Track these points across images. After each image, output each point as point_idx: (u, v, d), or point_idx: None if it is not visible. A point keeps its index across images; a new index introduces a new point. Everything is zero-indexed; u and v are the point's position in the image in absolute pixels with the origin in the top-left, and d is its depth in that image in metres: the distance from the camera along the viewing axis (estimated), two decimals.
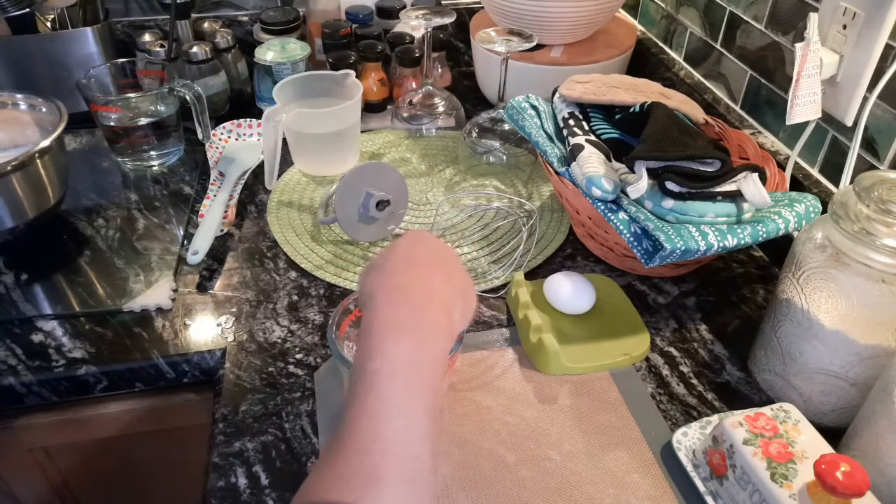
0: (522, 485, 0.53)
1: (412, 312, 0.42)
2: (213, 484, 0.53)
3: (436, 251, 0.48)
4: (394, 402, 0.37)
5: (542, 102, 0.79)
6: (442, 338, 0.42)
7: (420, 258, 0.46)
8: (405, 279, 0.44)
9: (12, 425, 0.68)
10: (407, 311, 0.42)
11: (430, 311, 0.43)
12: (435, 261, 0.47)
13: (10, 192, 0.71)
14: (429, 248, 0.47)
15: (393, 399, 0.37)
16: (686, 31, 0.96)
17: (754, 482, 0.47)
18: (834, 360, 0.54)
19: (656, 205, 0.63)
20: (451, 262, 0.48)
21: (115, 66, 0.91)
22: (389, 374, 0.38)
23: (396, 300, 0.42)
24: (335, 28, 1.02)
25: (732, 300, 0.72)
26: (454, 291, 0.46)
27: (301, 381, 0.62)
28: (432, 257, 0.47)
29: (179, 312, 0.69)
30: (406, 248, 0.47)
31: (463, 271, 0.49)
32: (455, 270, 0.47)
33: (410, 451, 0.36)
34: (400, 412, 0.37)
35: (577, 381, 0.62)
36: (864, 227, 0.50)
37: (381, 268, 0.45)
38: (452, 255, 0.49)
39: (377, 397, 0.37)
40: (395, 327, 0.41)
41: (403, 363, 0.39)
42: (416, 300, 0.43)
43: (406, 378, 0.39)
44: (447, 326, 0.43)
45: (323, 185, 0.88)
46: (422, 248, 0.47)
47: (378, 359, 0.39)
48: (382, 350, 0.39)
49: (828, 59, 0.65)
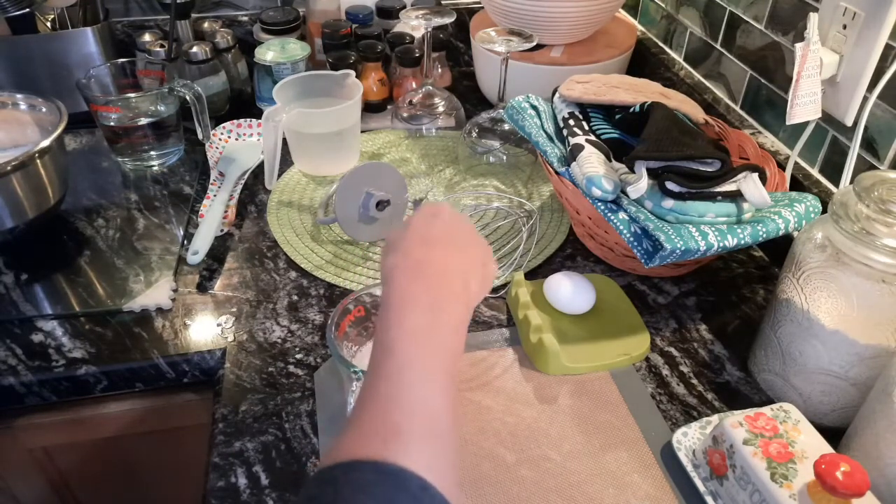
0: (522, 485, 0.53)
1: (428, 285, 0.43)
2: (213, 484, 0.53)
3: (451, 224, 0.49)
4: (412, 366, 0.39)
5: (542, 102, 0.79)
6: (458, 307, 0.44)
7: (435, 234, 0.47)
8: (420, 256, 0.45)
9: (12, 425, 0.68)
10: (423, 285, 0.43)
11: (445, 282, 0.44)
12: (450, 234, 0.48)
13: (10, 192, 0.71)
14: (444, 221, 0.49)
15: (411, 363, 0.39)
16: (686, 31, 0.96)
17: (754, 482, 0.47)
18: (834, 360, 0.54)
19: (656, 205, 0.63)
20: (466, 233, 0.49)
21: (115, 66, 0.91)
22: (407, 342, 0.40)
23: (412, 276, 0.44)
24: (335, 28, 1.02)
25: (732, 300, 0.72)
26: (470, 263, 0.47)
27: (301, 381, 0.62)
28: (447, 231, 0.48)
29: (179, 312, 0.69)
30: (421, 225, 0.48)
31: (479, 241, 0.50)
32: (471, 242, 0.49)
33: (430, 410, 0.37)
34: (418, 375, 0.38)
35: (576, 381, 0.62)
36: (864, 227, 0.50)
37: (398, 247, 0.46)
38: (467, 227, 0.50)
39: (396, 362, 0.39)
40: (412, 299, 0.42)
41: (421, 331, 0.40)
42: (431, 274, 0.44)
43: (423, 345, 0.40)
44: (463, 296, 0.45)
45: (323, 185, 0.88)
46: (437, 223, 0.49)
47: (396, 328, 0.40)
48: (400, 321, 0.41)
49: (828, 59, 0.65)
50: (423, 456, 0.35)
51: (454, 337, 0.42)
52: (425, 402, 0.38)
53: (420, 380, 0.38)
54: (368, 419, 0.37)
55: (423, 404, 0.37)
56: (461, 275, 0.46)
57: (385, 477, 0.33)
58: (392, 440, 0.35)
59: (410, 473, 0.33)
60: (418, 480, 0.33)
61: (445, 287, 0.44)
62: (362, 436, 0.36)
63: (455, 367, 0.41)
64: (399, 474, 0.33)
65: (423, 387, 0.38)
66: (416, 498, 0.33)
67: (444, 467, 0.35)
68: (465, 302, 0.45)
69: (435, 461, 0.35)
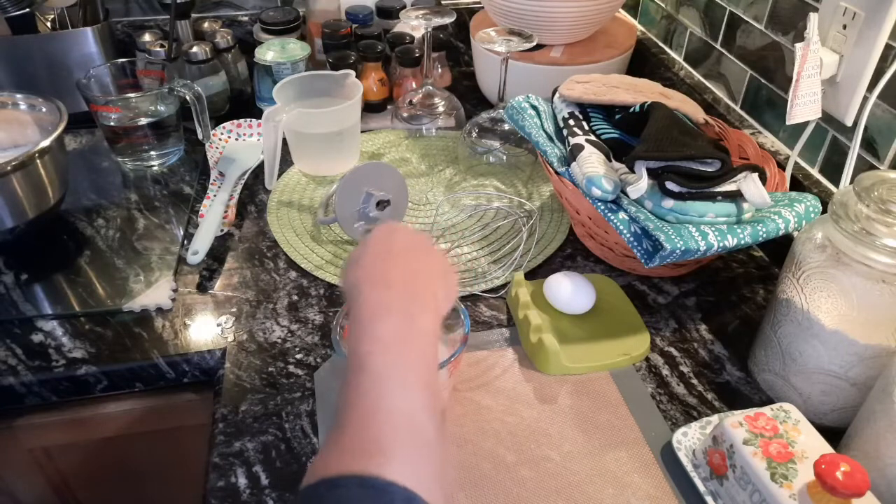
0: (522, 485, 0.53)
1: (396, 295, 0.43)
2: (213, 484, 0.53)
3: (409, 240, 0.49)
4: (388, 377, 0.38)
5: (542, 102, 0.79)
6: (429, 315, 0.44)
7: (395, 248, 0.48)
8: (385, 267, 0.46)
9: (12, 425, 0.68)
10: (391, 295, 0.43)
11: (413, 291, 0.44)
12: (410, 248, 0.48)
13: (10, 192, 0.71)
14: (402, 237, 0.49)
15: (387, 374, 0.38)
16: (686, 31, 0.96)
17: (754, 482, 0.47)
18: (834, 360, 0.54)
19: (656, 205, 0.63)
20: (425, 248, 0.49)
21: (115, 66, 0.91)
22: (381, 352, 0.39)
23: (380, 287, 0.44)
24: (335, 28, 1.02)
25: (732, 300, 0.72)
26: (433, 273, 0.47)
27: (301, 381, 0.62)
28: (407, 245, 0.48)
29: (179, 312, 0.69)
30: (381, 241, 0.48)
31: (439, 255, 0.50)
32: (431, 255, 0.49)
33: (411, 422, 0.37)
34: (395, 385, 0.38)
35: (576, 381, 0.62)
36: (864, 227, 0.50)
37: (360, 261, 0.46)
38: (426, 242, 0.50)
39: (371, 375, 0.38)
40: (381, 310, 0.42)
41: (394, 341, 0.40)
42: (398, 284, 0.44)
43: (398, 354, 0.40)
44: (432, 304, 0.45)
45: (323, 185, 0.88)
46: (396, 238, 0.49)
47: (368, 341, 0.40)
48: (371, 332, 0.41)
49: (828, 59, 0.65)
50: (406, 468, 0.34)
51: (428, 345, 0.42)
52: (404, 413, 0.37)
53: (397, 391, 0.38)
54: (349, 434, 0.36)
55: (403, 416, 0.37)
56: (427, 283, 0.46)
57: (370, 491, 0.33)
58: (375, 454, 0.34)
59: (395, 486, 0.33)
60: (403, 492, 0.33)
61: (414, 296, 0.44)
62: (344, 451, 0.35)
63: (433, 377, 0.41)
64: (384, 487, 0.33)
65: (402, 398, 0.38)
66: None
67: (428, 479, 0.35)
68: (434, 310, 0.45)
69: (419, 473, 0.35)
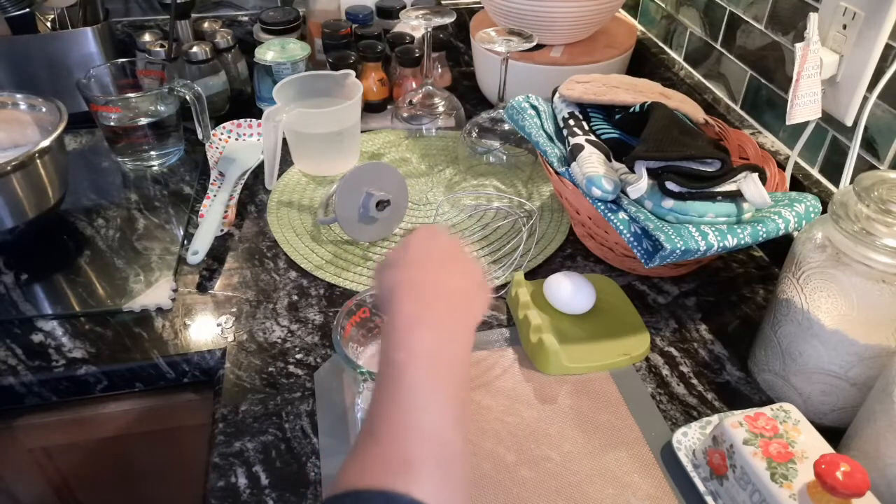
0: (522, 485, 0.53)
1: (432, 307, 0.43)
2: (213, 484, 0.53)
3: (447, 247, 0.49)
4: (423, 391, 0.38)
5: (542, 102, 0.79)
6: (462, 328, 0.44)
7: (434, 255, 0.48)
8: (423, 277, 0.45)
9: (12, 425, 0.68)
10: (427, 307, 0.43)
11: (450, 304, 0.44)
12: (448, 256, 0.48)
13: (10, 192, 0.71)
14: (439, 244, 0.49)
15: (422, 388, 0.39)
16: (686, 31, 0.96)
17: (754, 482, 0.47)
18: (834, 360, 0.54)
19: (656, 205, 0.63)
20: (462, 256, 0.50)
21: (115, 66, 0.91)
22: (416, 366, 0.39)
23: (415, 297, 0.44)
24: (335, 28, 1.02)
25: (732, 300, 0.72)
26: (470, 284, 0.47)
27: (301, 381, 0.62)
28: (445, 253, 0.48)
29: (179, 312, 0.69)
30: (419, 245, 0.48)
31: (474, 264, 0.50)
32: (467, 264, 0.49)
33: (442, 437, 0.37)
34: (430, 400, 0.38)
35: (576, 381, 0.62)
36: (864, 227, 0.50)
37: (398, 265, 0.46)
38: (462, 250, 0.50)
39: (407, 387, 0.38)
40: (417, 322, 0.42)
41: (428, 355, 0.40)
42: (435, 296, 0.44)
43: (433, 368, 0.40)
44: (466, 317, 0.45)
45: (323, 185, 0.88)
46: (434, 245, 0.49)
47: (404, 350, 0.40)
48: (407, 343, 0.41)
49: (828, 59, 0.65)
50: (432, 486, 0.34)
51: (462, 360, 0.42)
52: (436, 429, 0.37)
53: (431, 406, 0.38)
54: (380, 447, 0.36)
55: (435, 431, 0.37)
56: (463, 297, 0.46)
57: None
58: (402, 470, 0.35)
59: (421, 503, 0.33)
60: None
61: (450, 309, 0.44)
62: (371, 464, 0.35)
63: (465, 392, 0.41)
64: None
65: (435, 413, 0.38)
66: None
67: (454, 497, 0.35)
68: (468, 324, 0.45)
69: (445, 491, 0.35)
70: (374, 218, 0.74)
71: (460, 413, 0.39)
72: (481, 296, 0.48)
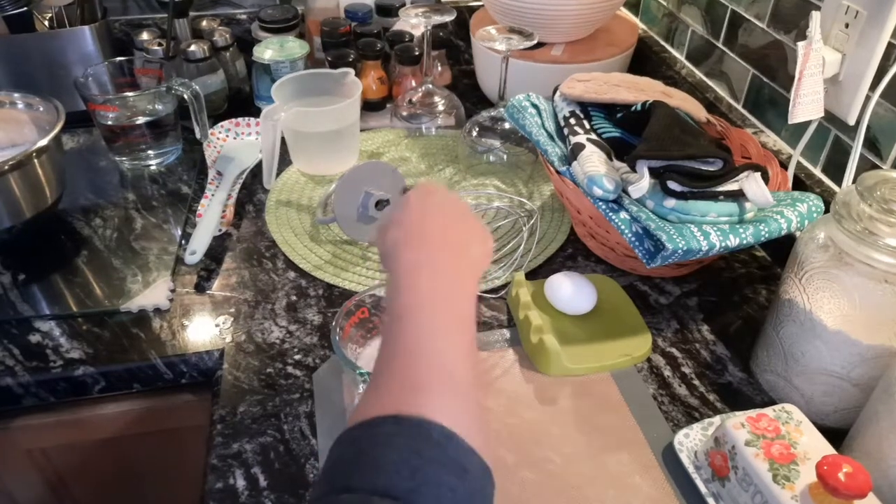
0: (523, 486, 0.53)
1: (433, 252, 0.44)
2: (211, 485, 0.53)
3: (447, 200, 0.50)
4: (429, 326, 0.38)
5: (543, 101, 0.79)
6: (467, 273, 0.44)
7: (433, 208, 0.48)
8: (422, 228, 0.46)
9: (10, 426, 0.67)
10: (428, 252, 0.44)
11: (451, 249, 0.45)
12: (448, 208, 0.49)
13: (8, 192, 0.71)
14: (440, 197, 0.50)
15: (428, 324, 0.39)
16: (688, 30, 0.96)
17: (756, 483, 0.47)
18: (836, 361, 0.54)
19: (658, 204, 0.62)
20: (461, 208, 0.50)
21: (113, 65, 0.91)
22: (420, 305, 0.40)
23: (418, 245, 0.44)
24: (334, 26, 1.01)
25: (734, 300, 0.72)
26: (469, 232, 0.48)
27: (300, 382, 0.61)
28: (444, 206, 0.49)
29: (177, 313, 0.69)
30: (419, 201, 0.49)
31: (473, 216, 0.51)
32: (466, 215, 0.50)
33: (451, 368, 0.37)
34: (436, 334, 0.38)
35: (577, 382, 0.62)
36: (867, 226, 0.49)
37: (399, 222, 0.47)
38: (461, 204, 0.51)
39: (413, 324, 0.38)
40: (419, 266, 0.42)
41: (432, 295, 0.41)
42: (436, 242, 0.45)
43: (438, 307, 0.40)
44: (469, 263, 0.45)
45: (322, 184, 0.88)
46: (433, 199, 0.49)
47: (407, 294, 0.40)
48: (410, 286, 0.41)
49: (830, 58, 0.65)
50: (444, 407, 0.34)
51: (466, 300, 0.42)
52: (443, 357, 0.37)
53: (436, 338, 0.38)
54: (386, 379, 0.36)
55: (441, 360, 0.37)
56: (465, 243, 0.46)
57: (406, 428, 0.32)
58: (410, 393, 0.34)
59: (432, 422, 0.32)
60: (441, 429, 0.32)
61: (452, 253, 0.44)
62: (380, 395, 0.35)
63: (471, 333, 0.41)
64: (420, 424, 0.32)
65: (440, 343, 0.37)
66: (439, 445, 0.32)
67: (468, 420, 0.34)
68: (470, 267, 0.45)
69: (458, 413, 0.34)
70: (373, 217, 0.74)
71: (468, 350, 0.39)
72: (483, 246, 0.49)
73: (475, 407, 0.36)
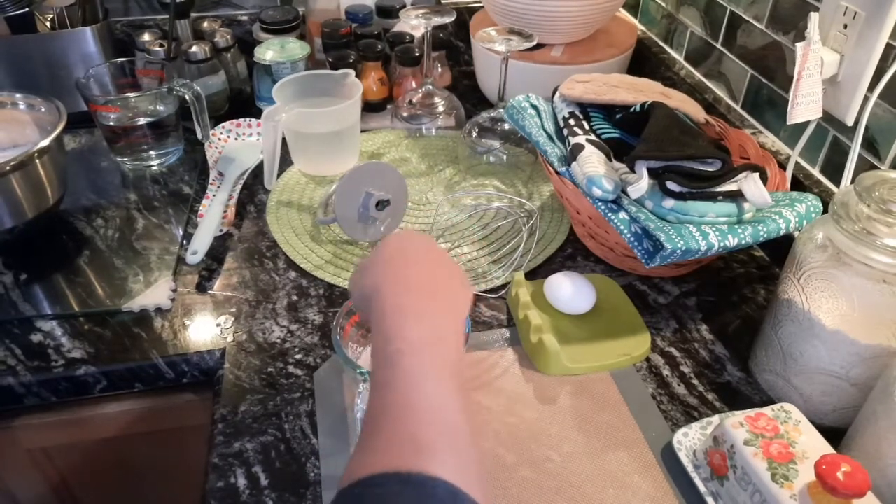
0: (523, 485, 0.53)
1: (419, 299, 0.43)
2: (212, 484, 0.53)
3: (424, 248, 0.49)
4: (421, 376, 0.38)
5: (543, 102, 0.79)
6: (452, 318, 0.44)
7: (410, 253, 0.48)
8: (405, 272, 0.46)
9: (11, 425, 0.68)
10: (414, 298, 0.43)
11: (435, 295, 0.44)
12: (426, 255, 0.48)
13: (9, 192, 0.71)
14: (417, 245, 0.49)
15: (420, 372, 0.38)
16: (687, 31, 0.96)
17: (755, 483, 0.47)
18: (835, 361, 0.54)
19: (657, 205, 0.63)
20: (439, 255, 0.50)
21: (115, 66, 0.91)
22: (411, 353, 0.39)
23: (401, 290, 0.44)
24: (335, 27, 1.01)
25: (733, 300, 0.72)
26: (451, 279, 0.47)
27: (300, 382, 0.62)
28: (423, 254, 0.49)
29: (179, 313, 0.69)
30: (397, 246, 0.48)
31: (452, 262, 0.50)
32: (446, 262, 0.49)
33: (447, 420, 0.36)
34: (429, 384, 0.37)
35: (577, 382, 0.62)
36: (865, 227, 0.50)
37: (377, 265, 0.47)
38: (439, 250, 0.50)
39: (404, 373, 0.38)
40: (405, 312, 0.42)
41: (422, 343, 0.40)
42: (420, 288, 0.44)
43: (428, 356, 0.39)
44: (453, 310, 0.45)
45: (322, 184, 0.88)
46: (409, 244, 0.49)
47: (397, 340, 0.40)
48: (399, 332, 0.40)
49: (829, 59, 0.65)
50: (446, 462, 0.33)
51: (457, 347, 0.42)
52: (442, 413, 0.36)
53: (433, 389, 0.37)
54: (384, 434, 0.35)
55: (441, 414, 0.36)
56: (447, 289, 0.46)
57: (411, 487, 0.31)
58: (413, 450, 0.33)
59: (438, 480, 0.31)
60: (446, 486, 0.31)
61: (437, 299, 0.44)
62: (380, 450, 0.34)
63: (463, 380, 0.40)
64: (426, 482, 0.31)
65: (438, 395, 0.37)
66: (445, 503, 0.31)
67: (469, 474, 0.33)
68: (454, 315, 0.44)
69: (460, 467, 0.33)
70: (373, 218, 0.74)
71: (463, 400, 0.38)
72: (465, 291, 0.48)
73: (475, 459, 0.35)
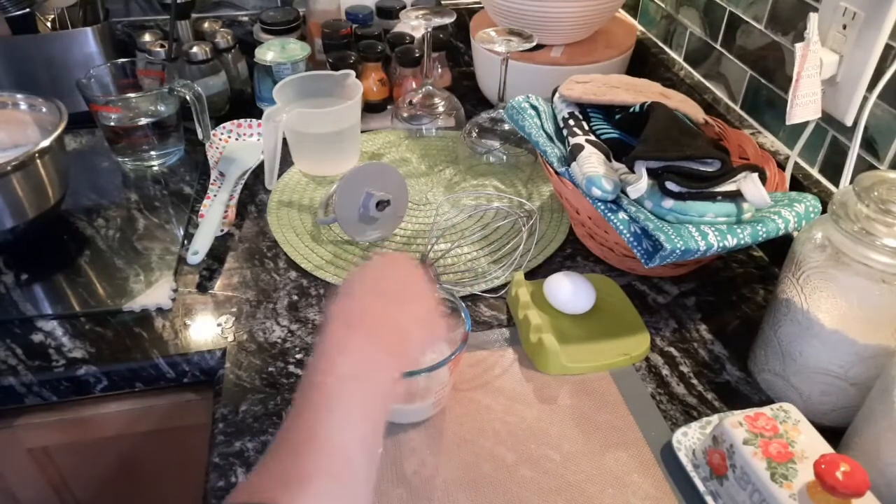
0: (522, 485, 0.53)
1: (361, 335, 0.43)
2: (213, 484, 0.53)
3: (403, 279, 0.49)
4: (332, 408, 0.39)
5: (542, 102, 0.79)
6: (391, 361, 0.44)
7: (382, 286, 0.48)
8: (362, 305, 0.46)
9: (12, 425, 0.68)
10: (356, 334, 0.43)
11: (380, 335, 0.44)
12: (399, 288, 0.48)
13: (10, 192, 0.71)
14: (396, 275, 0.49)
15: (332, 406, 0.39)
16: (686, 31, 0.96)
17: (754, 482, 0.47)
18: (834, 360, 0.54)
19: (656, 205, 0.63)
20: (416, 291, 0.49)
21: (116, 66, 0.91)
22: (330, 386, 0.40)
23: (348, 324, 0.44)
24: (335, 28, 1.02)
25: (732, 300, 0.72)
26: (412, 320, 0.47)
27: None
28: (397, 285, 0.48)
29: (179, 312, 0.69)
30: (371, 275, 0.48)
31: (429, 301, 0.50)
32: (419, 300, 0.49)
33: (343, 453, 0.37)
34: (337, 417, 0.38)
35: (576, 381, 0.62)
36: (864, 227, 0.50)
37: (345, 295, 0.47)
38: (421, 285, 0.50)
39: (315, 405, 0.39)
40: (342, 347, 0.42)
41: (346, 378, 0.40)
42: (367, 324, 0.44)
43: (347, 391, 0.40)
44: (398, 352, 0.45)
45: (323, 185, 0.88)
46: (388, 276, 0.49)
47: (321, 374, 0.40)
48: (326, 367, 0.41)
49: (828, 59, 0.65)
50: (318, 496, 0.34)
51: (384, 389, 0.42)
52: (340, 445, 0.37)
53: (335, 423, 0.38)
54: (279, 461, 0.36)
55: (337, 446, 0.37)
56: (399, 331, 0.45)
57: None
58: (294, 483, 0.35)
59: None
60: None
61: (382, 341, 0.44)
62: (267, 478, 0.36)
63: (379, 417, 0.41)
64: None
65: (338, 430, 0.38)
66: None
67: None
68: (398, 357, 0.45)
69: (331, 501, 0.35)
70: (374, 218, 0.74)
71: (369, 434, 0.39)
72: (425, 333, 0.48)
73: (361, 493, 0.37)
